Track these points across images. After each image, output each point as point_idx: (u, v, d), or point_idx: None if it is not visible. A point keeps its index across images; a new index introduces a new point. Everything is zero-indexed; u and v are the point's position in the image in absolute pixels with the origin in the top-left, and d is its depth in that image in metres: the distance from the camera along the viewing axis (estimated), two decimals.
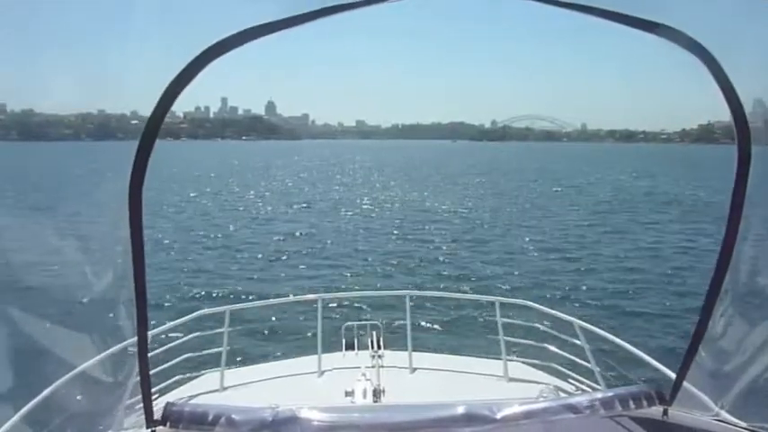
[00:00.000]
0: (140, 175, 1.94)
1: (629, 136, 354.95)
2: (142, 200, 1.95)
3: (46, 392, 3.35)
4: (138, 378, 2.43)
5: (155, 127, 1.92)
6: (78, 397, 3.19)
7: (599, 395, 2.72)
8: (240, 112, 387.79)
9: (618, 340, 5.08)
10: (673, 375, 4.30)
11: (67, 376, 3.29)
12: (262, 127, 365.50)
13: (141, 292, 2.10)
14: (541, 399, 3.44)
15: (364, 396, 4.38)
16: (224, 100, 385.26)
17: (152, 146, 1.91)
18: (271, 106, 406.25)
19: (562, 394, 5.35)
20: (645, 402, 2.65)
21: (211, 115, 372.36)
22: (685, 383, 2.68)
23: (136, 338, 2.28)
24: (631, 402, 2.62)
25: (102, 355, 2.78)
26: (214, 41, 1.76)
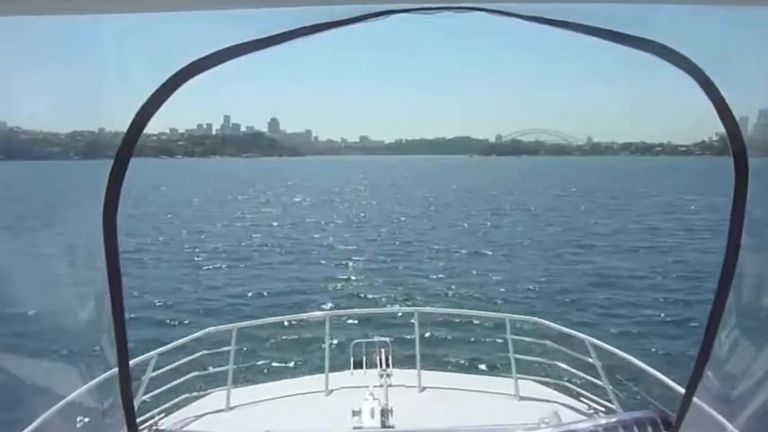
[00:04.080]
0: (114, 200, 1.86)
1: (645, 149, 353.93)
2: (116, 225, 1.87)
3: (33, 426, 3.22)
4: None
5: (129, 149, 1.84)
6: (64, 429, 3.13)
7: (602, 421, 2.79)
8: (243, 128, 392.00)
9: (631, 358, 5.16)
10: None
11: (52, 410, 3.19)
12: (263, 143, 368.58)
13: (120, 321, 1.99)
14: (543, 424, 3.46)
15: (372, 416, 4.43)
16: (226, 117, 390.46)
17: (125, 169, 1.84)
18: (274, 123, 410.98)
19: (571, 413, 5.44)
20: (650, 428, 2.64)
21: (213, 132, 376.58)
22: (696, 404, 2.65)
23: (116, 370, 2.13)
24: (636, 429, 2.63)
25: (86, 387, 2.60)
26: (188, 62, 1.74)
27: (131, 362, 5.26)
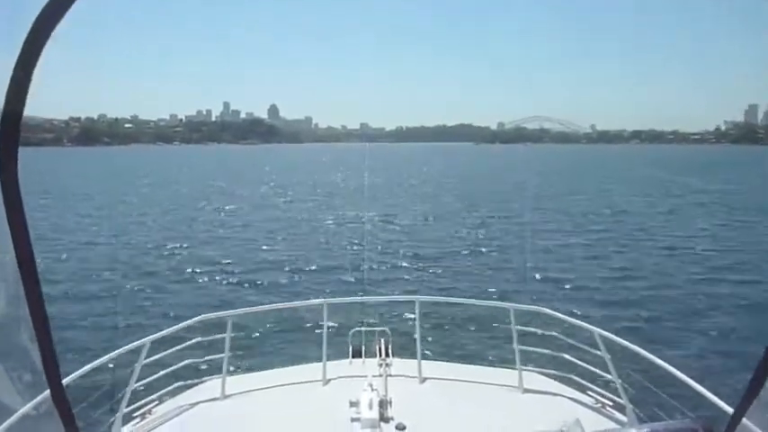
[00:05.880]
0: (14, 184, 1.39)
1: (655, 137, 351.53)
2: (25, 216, 1.44)
3: None
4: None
5: (17, 115, 1.29)
6: None
7: (632, 431, 2.50)
8: (243, 115, 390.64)
9: (642, 351, 5.06)
10: (702, 390, 4.16)
11: None
12: (262, 130, 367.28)
13: (44, 334, 1.59)
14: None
15: (370, 407, 4.35)
16: (226, 104, 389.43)
17: (17, 142, 1.34)
18: (273, 110, 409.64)
19: (578, 407, 5.36)
20: None
21: (213, 118, 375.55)
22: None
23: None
24: None
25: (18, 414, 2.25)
26: None
27: (122, 349, 5.22)
